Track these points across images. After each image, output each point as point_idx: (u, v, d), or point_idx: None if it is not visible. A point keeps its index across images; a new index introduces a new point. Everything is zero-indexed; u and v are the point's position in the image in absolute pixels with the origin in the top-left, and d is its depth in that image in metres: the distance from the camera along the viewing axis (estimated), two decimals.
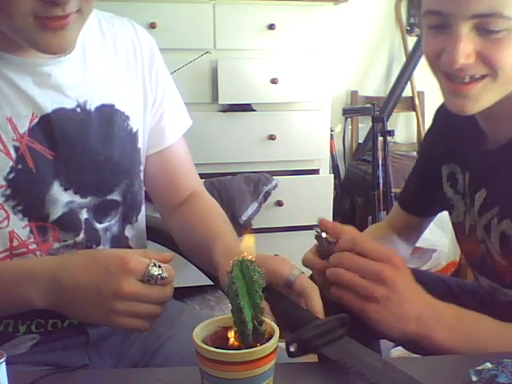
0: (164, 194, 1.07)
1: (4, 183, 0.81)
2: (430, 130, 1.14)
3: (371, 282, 0.77)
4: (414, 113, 3.33)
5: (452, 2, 0.77)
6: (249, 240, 0.62)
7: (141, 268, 0.73)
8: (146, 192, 1.05)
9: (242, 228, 2.51)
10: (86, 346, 0.92)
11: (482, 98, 0.82)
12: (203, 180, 2.47)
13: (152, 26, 2.30)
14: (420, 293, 0.80)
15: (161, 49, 1.06)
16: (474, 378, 0.62)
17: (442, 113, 1.09)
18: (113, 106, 0.93)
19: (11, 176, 0.82)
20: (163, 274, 0.74)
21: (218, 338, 0.60)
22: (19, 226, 0.84)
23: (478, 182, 0.95)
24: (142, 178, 1.00)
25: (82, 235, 0.90)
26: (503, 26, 0.76)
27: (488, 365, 0.64)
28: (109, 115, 0.92)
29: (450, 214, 1.06)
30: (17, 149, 0.82)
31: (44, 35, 0.74)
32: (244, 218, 2.49)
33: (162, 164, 1.05)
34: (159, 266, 0.74)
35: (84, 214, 0.90)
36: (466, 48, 0.77)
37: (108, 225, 0.94)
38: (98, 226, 0.93)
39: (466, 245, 1.04)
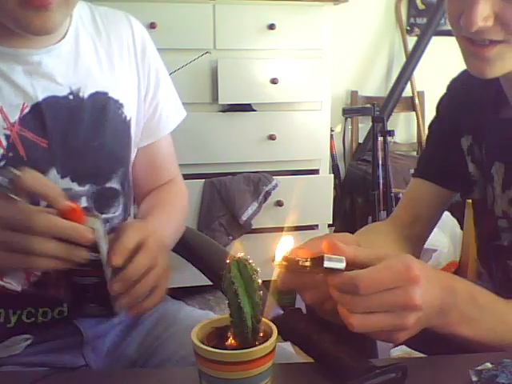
0: (144, 182, 1.07)
1: None
2: (443, 103, 1.10)
3: (397, 314, 0.63)
4: (413, 113, 3.33)
5: None
6: (237, 247, 0.61)
7: None
8: None
9: (242, 228, 2.52)
10: (81, 346, 0.92)
11: (501, 61, 0.80)
12: (203, 180, 2.47)
13: (152, 26, 2.30)
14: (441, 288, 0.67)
15: (161, 49, 1.06)
16: (474, 378, 0.61)
17: (458, 83, 1.06)
18: (106, 93, 0.93)
19: (2, 163, 0.82)
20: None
21: (217, 338, 0.60)
22: None
23: (493, 154, 0.93)
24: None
25: None
26: None
27: (488, 365, 0.64)
28: (102, 102, 0.93)
29: (471, 191, 1.01)
30: (7, 137, 0.83)
31: (26, 14, 0.76)
32: (244, 218, 2.49)
33: (149, 155, 1.05)
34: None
35: (83, 203, 0.90)
36: (484, 10, 0.76)
37: (111, 216, 0.95)
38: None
39: (484, 222, 1.00)
